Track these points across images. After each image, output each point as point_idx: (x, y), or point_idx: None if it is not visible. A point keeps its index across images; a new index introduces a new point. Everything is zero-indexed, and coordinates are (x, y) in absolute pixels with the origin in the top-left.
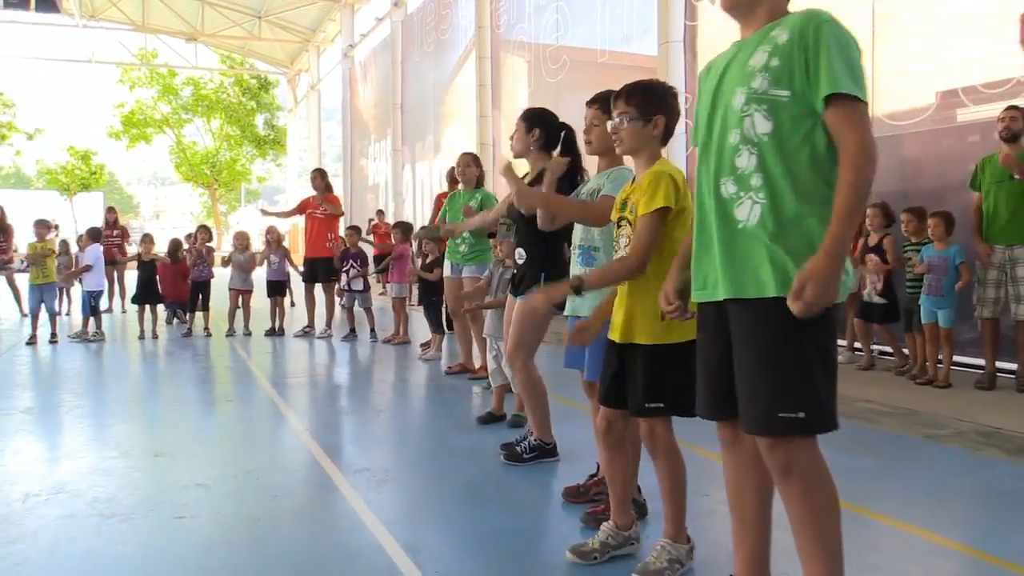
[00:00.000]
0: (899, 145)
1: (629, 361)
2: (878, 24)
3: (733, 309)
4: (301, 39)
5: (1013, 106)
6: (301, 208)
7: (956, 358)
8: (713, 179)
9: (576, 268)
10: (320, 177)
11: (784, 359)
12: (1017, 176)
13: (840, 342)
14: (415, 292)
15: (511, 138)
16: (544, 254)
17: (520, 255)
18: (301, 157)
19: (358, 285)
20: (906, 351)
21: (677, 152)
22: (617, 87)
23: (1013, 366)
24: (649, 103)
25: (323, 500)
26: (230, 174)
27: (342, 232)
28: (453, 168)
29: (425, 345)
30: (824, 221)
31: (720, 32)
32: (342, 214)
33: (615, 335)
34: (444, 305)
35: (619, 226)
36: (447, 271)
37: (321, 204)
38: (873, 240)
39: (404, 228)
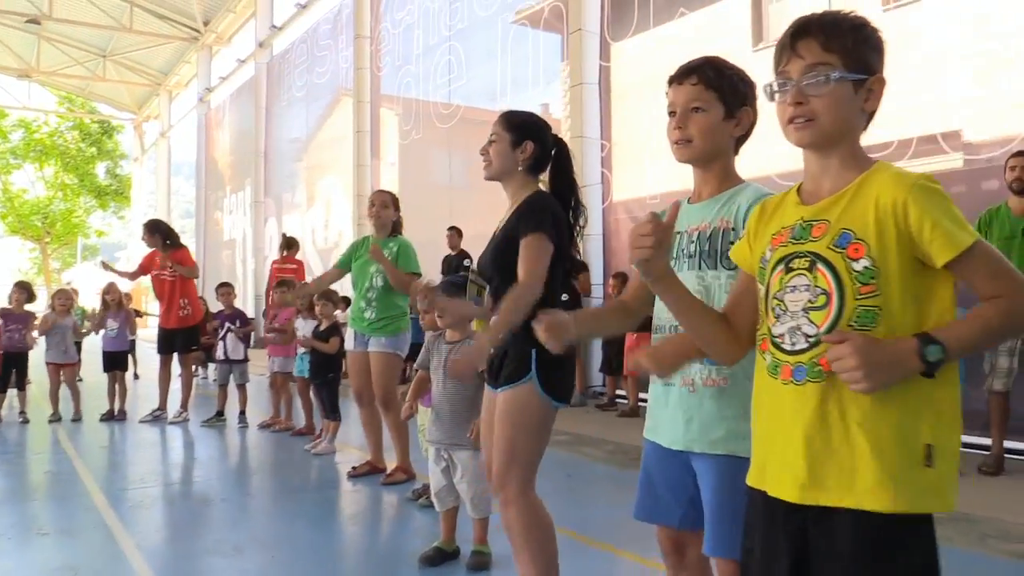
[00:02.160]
0: None
1: (821, 540)
2: None
3: None
4: (151, 82)
5: (1021, 152)
6: (144, 268)
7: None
8: None
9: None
10: (151, 232)
11: None
12: None
13: None
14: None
15: (485, 151)
16: (531, 317)
17: None
18: (146, 212)
19: (237, 353)
20: None
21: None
22: None
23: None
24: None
25: None
26: (65, 227)
27: (213, 294)
28: (285, 235)
29: (312, 434)
30: None
31: (634, 72)
32: (196, 275)
33: (786, 489)
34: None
35: (790, 270)
36: (349, 342)
37: (168, 264)
38: None
39: (290, 287)
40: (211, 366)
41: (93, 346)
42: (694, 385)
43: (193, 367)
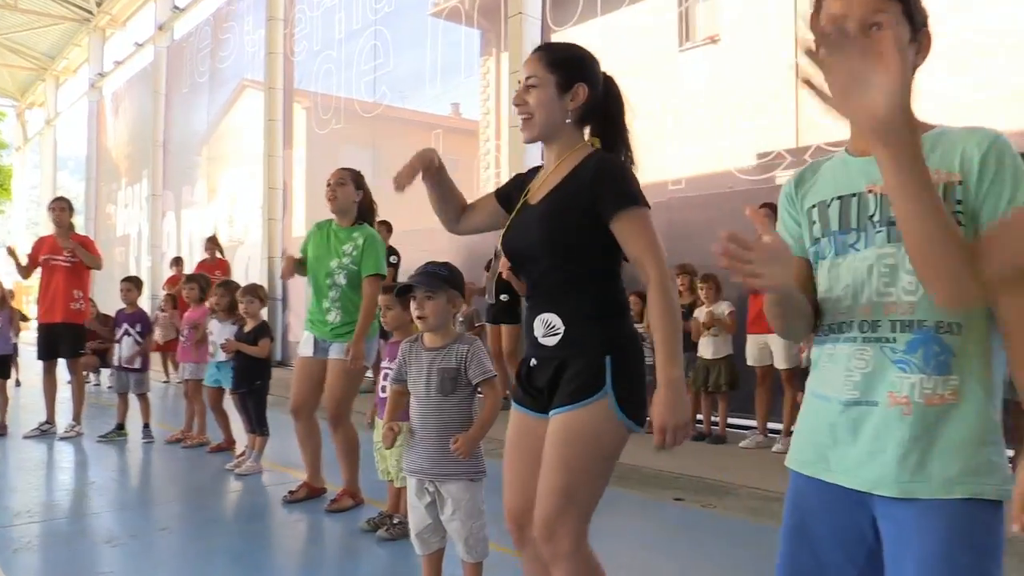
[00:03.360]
0: None
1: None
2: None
3: None
4: (36, 66)
5: None
6: (34, 259)
7: None
8: None
9: (893, 374)
10: (63, 210)
11: None
12: None
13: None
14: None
15: (521, 100)
16: (600, 315)
17: (546, 326)
18: (28, 208)
19: (136, 360)
20: None
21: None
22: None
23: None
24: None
25: None
26: None
27: (118, 290)
28: (213, 238)
29: (232, 450)
30: None
31: None
32: (99, 266)
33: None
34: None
35: None
36: (304, 347)
37: (68, 247)
38: None
39: (201, 283)
40: (104, 372)
41: None
42: (910, 406)
43: (85, 373)
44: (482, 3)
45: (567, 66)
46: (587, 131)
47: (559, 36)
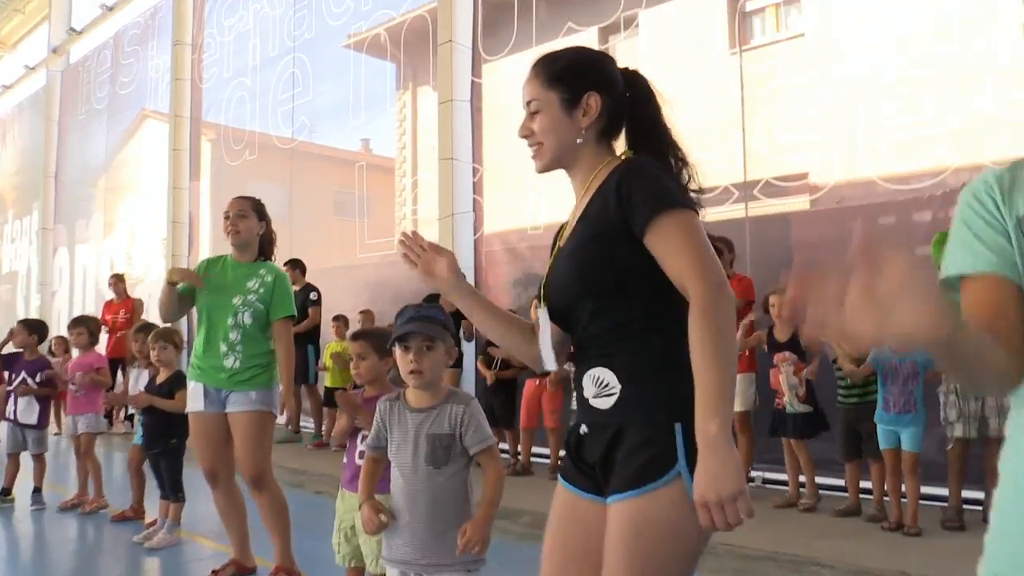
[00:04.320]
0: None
1: None
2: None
3: None
4: None
5: None
6: None
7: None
8: None
9: None
10: None
11: None
12: None
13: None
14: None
15: (528, 131)
16: (664, 367)
17: (598, 385)
18: None
19: (30, 416)
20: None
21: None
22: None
23: (979, 495)
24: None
25: None
26: None
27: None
28: (117, 276)
29: (141, 518)
30: None
31: (506, 86)
32: None
33: None
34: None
35: None
36: (194, 401)
37: None
38: (783, 333)
39: (91, 327)
40: None
41: None
42: None
43: None
44: (396, 33)
45: (570, 77)
46: (621, 143)
47: (491, 66)
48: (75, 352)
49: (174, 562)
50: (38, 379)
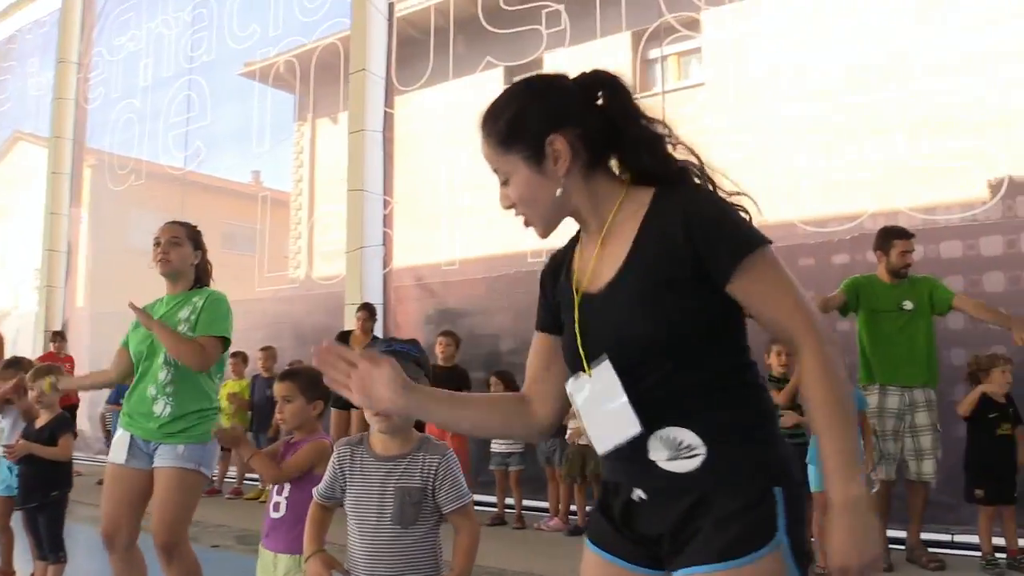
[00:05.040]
0: None
1: None
2: None
3: None
4: None
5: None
6: None
7: None
8: None
9: None
10: None
11: None
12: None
13: None
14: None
15: (509, 202)
16: (755, 424)
17: (673, 447)
18: None
19: None
20: None
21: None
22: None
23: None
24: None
25: None
26: None
27: None
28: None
29: None
30: None
31: (419, 119)
32: None
33: None
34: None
35: None
36: (116, 452)
37: None
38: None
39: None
40: None
41: None
42: None
43: None
44: (303, 61)
45: (520, 130)
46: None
47: (405, 98)
48: None
49: None
50: None
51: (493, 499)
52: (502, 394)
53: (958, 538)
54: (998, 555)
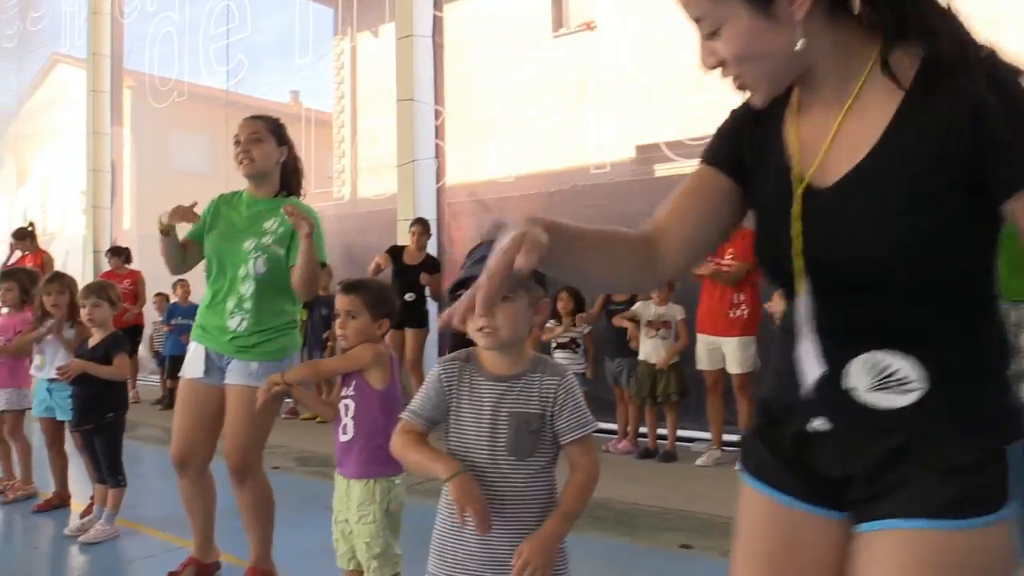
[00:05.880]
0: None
1: None
2: None
3: None
4: None
5: None
6: None
7: None
8: None
9: None
10: None
11: None
12: None
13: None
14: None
15: (711, 54)
16: (996, 371)
17: (880, 374)
18: None
19: None
20: None
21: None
22: None
23: None
24: None
25: None
26: None
27: None
28: (24, 229)
29: (69, 506)
30: None
31: (471, 24)
32: None
33: None
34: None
35: None
36: (192, 366)
37: None
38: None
39: (23, 281)
40: None
41: None
42: None
43: None
44: None
45: None
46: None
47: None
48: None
49: (115, 559)
50: None
51: None
52: (625, 233)
53: None
54: None
